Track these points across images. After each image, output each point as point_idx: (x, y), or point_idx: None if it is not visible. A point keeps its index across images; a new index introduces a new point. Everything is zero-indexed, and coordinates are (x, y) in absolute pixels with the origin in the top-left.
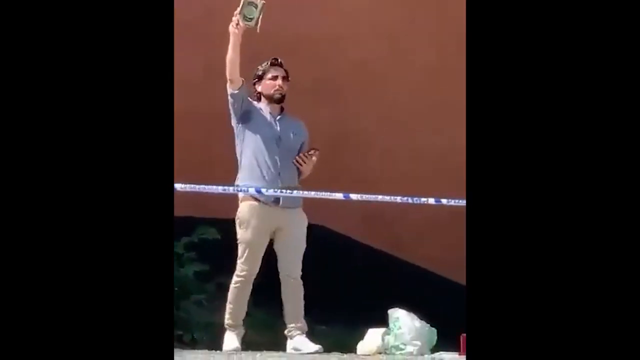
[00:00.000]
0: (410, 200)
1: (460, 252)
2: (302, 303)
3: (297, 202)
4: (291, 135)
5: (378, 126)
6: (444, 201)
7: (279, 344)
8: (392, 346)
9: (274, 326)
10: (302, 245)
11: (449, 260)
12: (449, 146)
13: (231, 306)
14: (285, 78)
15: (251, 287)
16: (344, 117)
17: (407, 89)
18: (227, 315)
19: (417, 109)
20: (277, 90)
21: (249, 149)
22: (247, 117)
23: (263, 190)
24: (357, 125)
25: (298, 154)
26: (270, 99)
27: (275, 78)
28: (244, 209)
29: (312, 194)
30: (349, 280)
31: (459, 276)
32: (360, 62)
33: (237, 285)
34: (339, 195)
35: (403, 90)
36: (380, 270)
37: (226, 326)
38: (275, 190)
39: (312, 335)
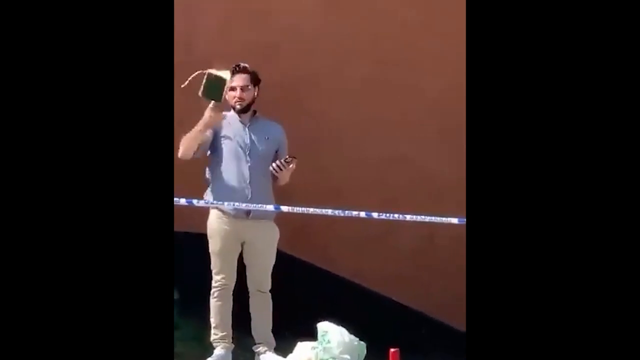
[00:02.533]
0: (341, 214)
1: (390, 266)
2: (270, 318)
3: (267, 214)
4: (264, 141)
5: (310, 138)
6: (374, 215)
7: (206, 356)
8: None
9: (202, 338)
10: (272, 259)
11: (378, 273)
12: (383, 159)
13: (213, 320)
14: (246, 87)
15: (231, 298)
16: None
17: (342, 101)
18: (212, 331)
19: (352, 121)
20: (236, 101)
21: (218, 160)
22: (217, 130)
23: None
24: (290, 138)
25: (276, 159)
26: (234, 110)
27: (234, 89)
28: (212, 220)
29: (243, 205)
30: (277, 293)
31: (389, 290)
32: (293, 72)
33: (214, 297)
34: (269, 207)
35: (338, 103)
36: (310, 283)
37: (212, 342)
38: (207, 201)
39: (241, 348)
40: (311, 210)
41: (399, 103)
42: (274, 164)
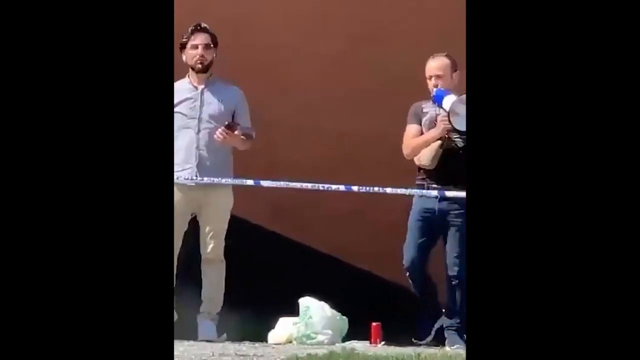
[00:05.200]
0: (321, 188)
1: (371, 241)
2: (217, 287)
3: (218, 179)
4: (217, 104)
5: (288, 113)
6: (354, 188)
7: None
8: (303, 335)
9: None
10: (220, 225)
11: (360, 249)
12: (359, 133)
13: None
14: (208, 45)
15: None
16: (252, 105)
17: (317, 76)
18: None
19: (327, 96)
20: (197, 60)
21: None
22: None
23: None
24: (267, 112)
25: (232, 122)
26: (193, 70)
27: (195, 47)
28: None
29: (223, 181)
30: (260, 269)
31: (370, 265)
32: (269, 48)
33: None
34: (249, 182)
35: (313, 78)
36: (291, 259)
37: None
38: (187, 177)
39: (223, 324)
40: (291, 184)
41: (374, 79)
42: (217, 132)
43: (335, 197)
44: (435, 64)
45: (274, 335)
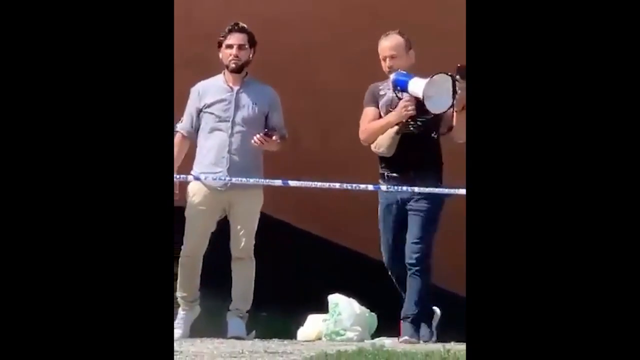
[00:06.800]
0: (349, 187)
1: None
2: (246, 286)
3: (249, 184)
4: (251, 106)
5: (315, 111)
6: (382, 188)
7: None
8: (332, 332)
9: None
10: (250, 225)
11: None
12: None
13: (177, 281)
14: (242, 46)
15: (194, 264)
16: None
17: (343, 74)
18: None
19: (354, 94)
20: (232, 60)
21: (203, 127)
22: (203, 96)
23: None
24: (294, 110)
25: (267, 124)
26: (228, 69)
27: (230, 47)
28: (191, 187)
29: (252, 181)
30: (288, 267)
31: None
32: (296, 47)
33: (179, 261)
34: (277, 182)
35: (339, 76)
36: (320, 256)
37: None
38: (219, 178)
39: (252, 322)
40: (319, 184)
41: None
42: (255, 137)
43: (362, 194)
44: (389, 44)
45: (303, 333)
